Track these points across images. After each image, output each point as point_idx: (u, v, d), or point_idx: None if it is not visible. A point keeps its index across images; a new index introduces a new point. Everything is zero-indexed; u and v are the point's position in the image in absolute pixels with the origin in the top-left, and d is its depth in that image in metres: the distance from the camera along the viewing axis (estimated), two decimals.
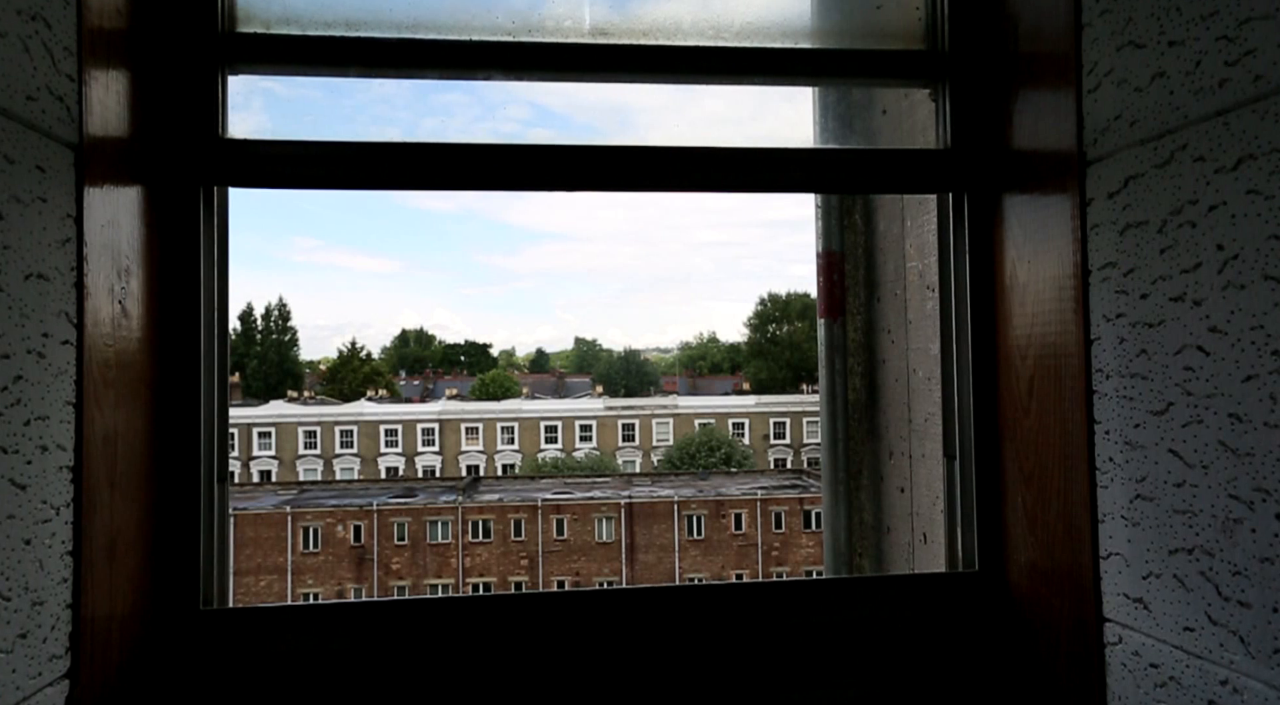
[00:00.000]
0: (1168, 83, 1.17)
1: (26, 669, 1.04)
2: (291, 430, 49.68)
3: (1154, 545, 1.21)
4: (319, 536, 36.97)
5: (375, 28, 1.54)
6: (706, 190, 1.64)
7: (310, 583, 36.91)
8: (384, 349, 75.76)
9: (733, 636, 1.56)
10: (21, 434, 1.02)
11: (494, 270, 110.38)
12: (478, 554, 37.99)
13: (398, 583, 37.31)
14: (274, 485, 43.73)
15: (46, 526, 1.07)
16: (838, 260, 2.29)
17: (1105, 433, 1.30)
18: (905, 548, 2.17)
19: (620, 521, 38.51)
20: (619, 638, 1.53)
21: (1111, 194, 1.28)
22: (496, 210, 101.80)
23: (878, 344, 2.28)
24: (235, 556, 35.84)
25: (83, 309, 1.15)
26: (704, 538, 38.56)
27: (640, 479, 44.82)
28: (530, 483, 43.74)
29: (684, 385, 60.84)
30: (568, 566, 38.27)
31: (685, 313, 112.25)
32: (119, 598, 1.25)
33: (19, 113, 1.02)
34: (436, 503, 38.50)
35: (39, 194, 1.06)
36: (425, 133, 62.68)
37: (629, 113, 69.41)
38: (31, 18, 1.06)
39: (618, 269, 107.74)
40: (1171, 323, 1.16)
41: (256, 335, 62.40)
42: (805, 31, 1.65)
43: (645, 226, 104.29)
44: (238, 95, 1.51)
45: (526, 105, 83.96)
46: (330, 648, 1.48)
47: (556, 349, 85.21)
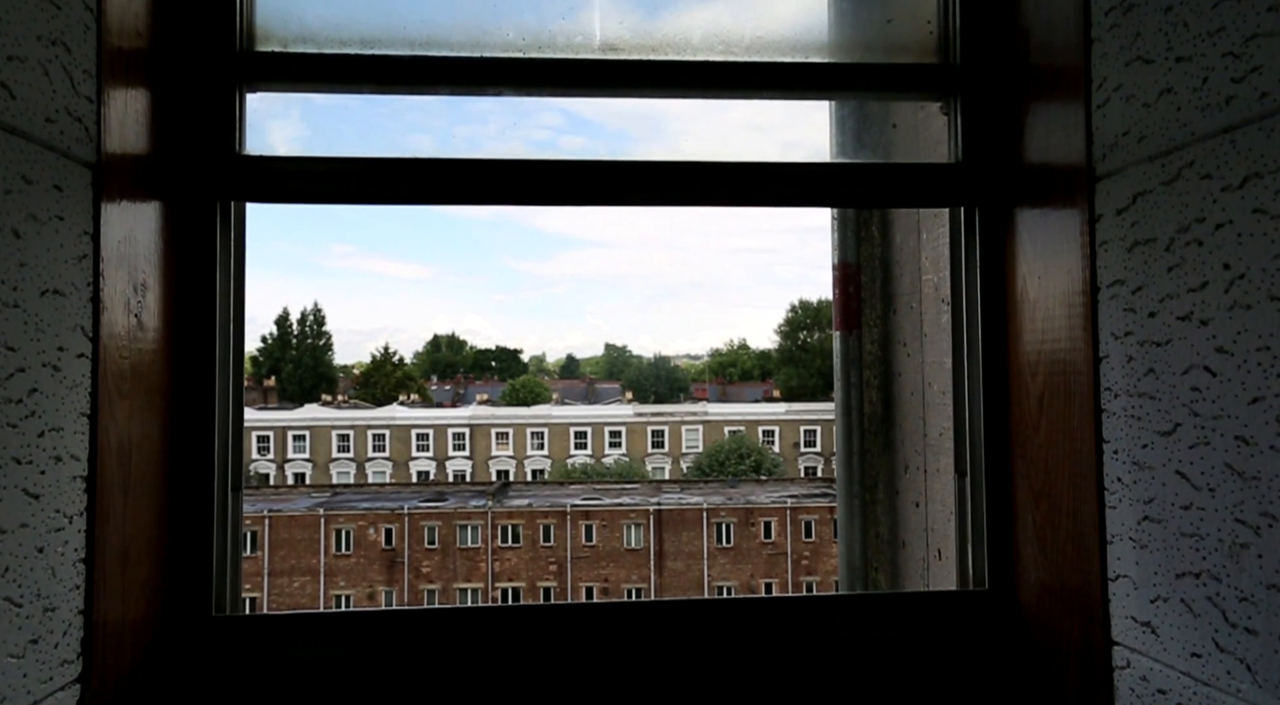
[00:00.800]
0: (1175, 99, 1.15)
1: (38, 673, 1.07)
2: (325, 433, 50.35)
3: (1162, 568, 1.18)
4: (351, 539, 37.41)
5: (389, 45, 1.57)
6: (719, 205, 1.64)
7: (342, 584, 37.36)
8: (416, 354, 76.55)
9: (737, 653, 1.55)
10: (36, 445, 1.06)
11: (526, 276, 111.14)
12: (507, 559, 38.18)
13: (428, 586, 37.64)
14: (308, 488, 44.34)
15: (59, 535, 1.11)
16: (854, 272, 2.28)
17: (1114, 452, 1.28)
18: (920, 563, 2.15)
19: (649, 528, 38.49)
20: (617, 653, 1.53)
21: (1120, 210, 1.26)
22: (529, 217, 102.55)
23: (894, 357, 2.26)
24: (270, 557, 36.41)
25: (98, 323, 1.19)
26: (733, 546, 38.40)
27: (669, 486, 44.78)
28: (559, 488, 43.88)
29: (714, 392, 60.69)
30: (596, 572, 38.32)
31: (716, 319, 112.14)
32: (131, 604, 1.29)
33: (37, 134, 1.06)
34: (466, 507, 38.79)
35: (56, 212, 1.10)
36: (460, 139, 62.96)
37: (661, 120, 69.53)
38: (52, 42, 1.10)
39: (649, 275, 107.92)
40: (1179, 342, 1.15)
41: (292, 340, 63.40)
42: (816, 46, 1.65)
43: (676, 232, 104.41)
44: (278, 104, 1.55)
45: (559, 112, 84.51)
46: (340, 656, 1.50)
47: (587, 355, 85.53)
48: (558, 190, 1.55)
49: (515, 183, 1.54)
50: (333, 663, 1.49)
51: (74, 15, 1.14)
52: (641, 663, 1.53)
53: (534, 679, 1.52)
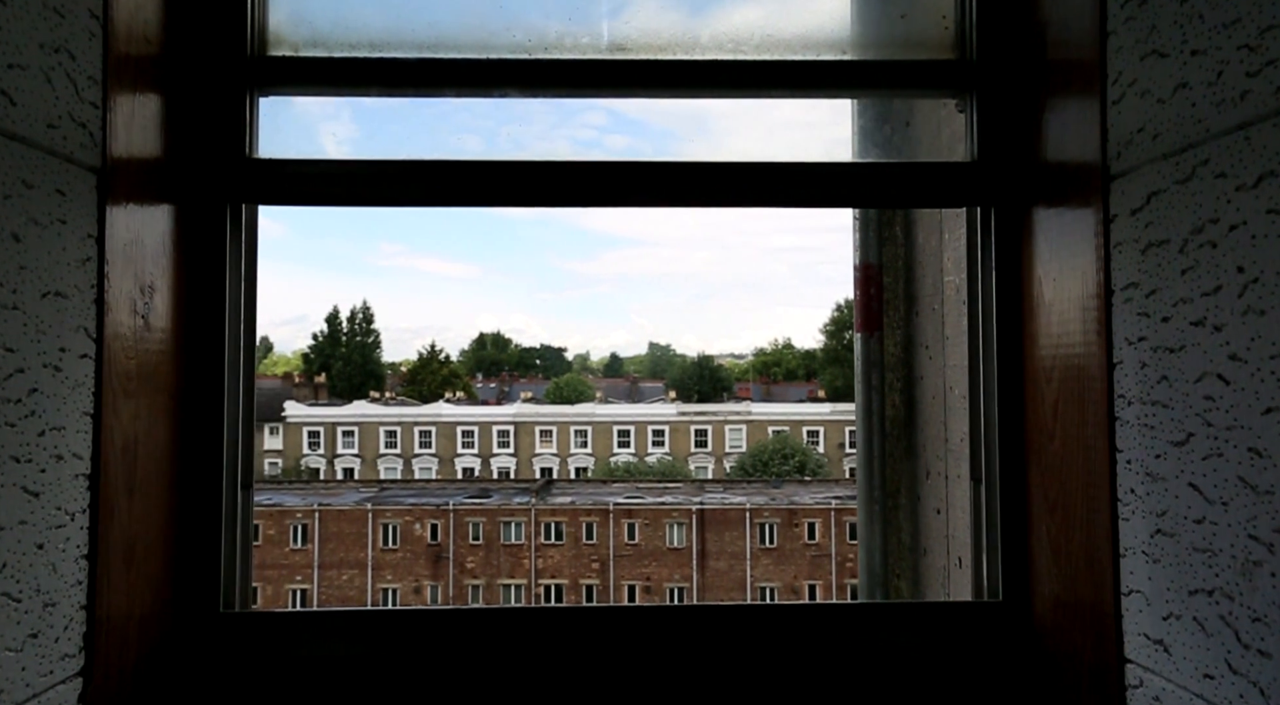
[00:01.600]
0: (1190, 94, 1.10)
1: (38, 667, 1.09)
2: (373, 430, 51.24)
3: (1174, 584, 1.13)
4: (398, 534, 38.01)
5: (398, 48, 1.58)
6: (726, 206, 1.62)
7: (389, 578, 37.99)
8: (462, 352, 77.48)
9: (744, 660, 1.53)
10: (35, 444, 1.08)
11: (570, 275, 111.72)
12: (550, 556, 38.44)
13: (472, 582, 38.07)
14: (356, 483, 45.17)
15: (60, 532, 1.13)
16: (875, 273, 2.23)
17: (1127, 462, 1.23)
18: (941, 571, 2.10)
19: (691, 527, 38.40)
20: (622, 656, 1.52)
21: (1134, 210, 1.21)
22: (574, 216, 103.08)
23: (916, 360, 2.21)
24: (319, 550, 37.16)
25: (103, 324, 1.21)
26: (776, 546, 38.13)
27: (712, 485, 44.64)
28: (602, 486, 44.03)
29: (758, 391, 60.31)
30: (639, 571, 38.37)
31: (760, 318, 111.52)
32: (137, 600, 1.31)
33: (38, 140, 1.08)
34: (510, 504, 39.14)
35: (58, 216, 1.12)
36: (505, 139, 63.38)
37: (706, 118, 69.36)
38: (55, 50, 1.12)
39: (693, 274, 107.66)
40: (1192, 348, 1.09)
41: (342, 337, 64.64)
42: (828, 43, 1.62)
43: (721, 231, 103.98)
44: (329, 106, 1.58)
45: (604, 111, 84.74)
46: (348, 655, 1.51)
47: (630, 354, 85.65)
48: (546, 192, 1.55)
49: (519, 184, 1.54)
50: (340, 661, 1.51)
51: (79, 23, 1.17)
52: (645, 667, 1.52)
53: (540, 681, 1.51)
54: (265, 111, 1.60)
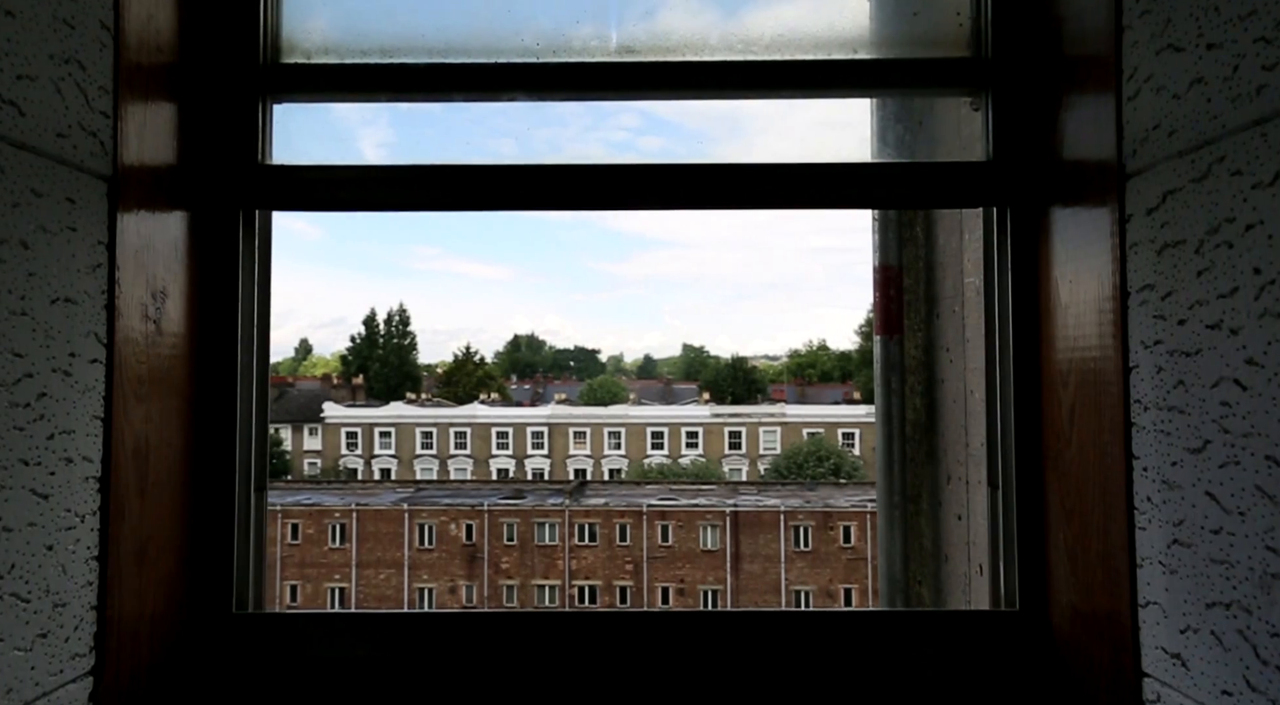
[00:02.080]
0: (1206, 89, 1.06)
1: (47, 666, 1.11)
2: (410, 431, 51.85)
3: (1191, 596, 1.10)
4: (434, 534, 38.37)
5: (408, 54, 1.59)
6: (736, 208, 1.60)
7: (425, 578, 38.39)
8: (497, 354, 78.08)
9: (757, 667, 1.51)
10: (45, 447, 1.10)
11: (604, 277, 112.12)
12: (583, 557, 38.53)
13: (507, 582, 38.31)
14: (393, 483, 45.70)
15: (70, 533, 1.15)
16: (895, 275, 2.19)
17: (1143, 470, 1.19)
18: (963, 578, 2.06)
19: (725, 530, 38.25)
20: (631, 661, 1.51)
21: (1150, 210, 1.17)
22: (608, 218, 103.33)
23: (936, 363, 2.17)
24: (357, 550, 37.64)
25: (113, 329, 1.23)
26: (811, 549, 37.82)
27: (746, 488, 44.42)
28: (636, 488, 44.04)
29: (792, 393, 59.91)
30: (672, 573, 38.31)
31: (795, 320, 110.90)
32: (149, 600, 1.33)
33: (47, 149, 1.11)
34: (545, 505, 39.32)
35: (68, 223, 1.15)
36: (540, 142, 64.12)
37: (740, 118, 69.08)
38: (65, 61, 1.14)
39: (727, 275, 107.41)
40: (1208, 352, 1.06)
41: (379, 339, 65.49)
42: (839, 42, 1.60)
43: (755, 233, 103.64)
44: (368, 112, 1.60)
45: (637, 114, 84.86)
46: (360, 657, 1.52)
47: (664, 355, 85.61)
48: (563, 195, 1.54)
49: (523, 188, 1.54)
50: (353, 663, 1.52)
51: (89, 34, 1.19)
52: (652, 672, 1.50)
53: (548, 684, 1.51)
54: (303, 116, 1.62)
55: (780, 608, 3.35)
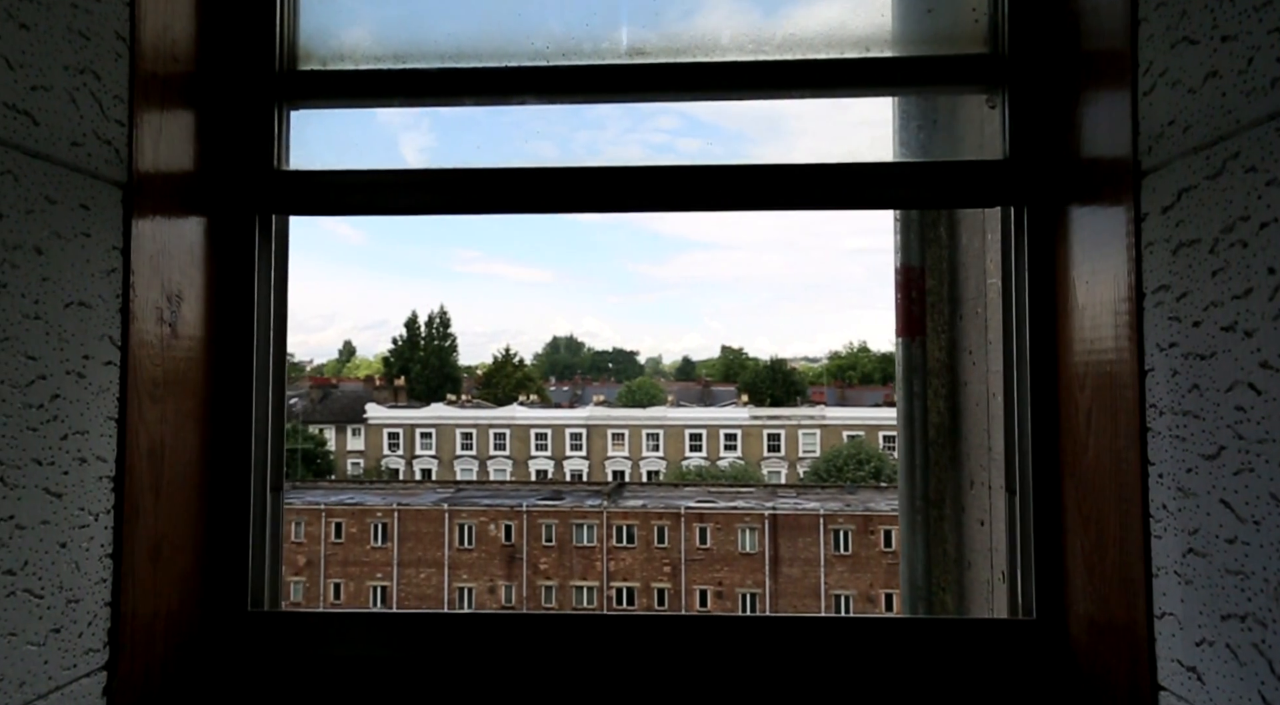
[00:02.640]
0: (1220, 83, 1.03)
1: (61, 660, 1.14)
2: (450, 432, 52.42)
3: (1206, 608, 1.06)
4: (473, 534, 38.71)
5: (420, 59, 1.61)
6: (757, 209, 1.59)
7: (465, 578, 38.76)
8: (536, 355, 78.62)
9: (770, 674, 1.50)
10: (58, 447, 1.13)
11: (642, 279, 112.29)
12: (621, 559, 38.57)
13: (545, 583, 38.52)
14: (433, 483, 46.22)
15: (84, 531, 1.18)
16: (916, 276, 2.16)
17: (1159, 476, 1.16)
18: (985, 585, 2.01)
19: (764, 533, 38.00)
20: (643, 665, 1.50)
21: (1165, 208, 1.14)
22: (646, 220, 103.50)
23: (960, 365, 2.13)
24: (399, 549, 38.14)
25: (128, 332, 1.26)
26: (851, 553, 37.41)
27: (785, 490, 44.11)
28: (674, 490, 43.97)
29: (832, 396, 59.33)
30: (710, 576, 38.17)
31: (835, 321, 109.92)
32: (164, 598, 1.36)
33: (62, 157, 1.14)
34: (583, 507, 39.44)
35: (82, 229, 1.18)
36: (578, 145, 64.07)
37: (779, 119, 68.61)
38: (80, 71, 1.17)
39: (766, 277, 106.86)
40: (1223, 355, 1.02)
41: (420, 341, 66.34)
42: (851, 41, 1.57)
43: (794, 234, 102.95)
44: (409, 117, 1.62)
45: (676, 115, 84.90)
46: (375, 656, 1.54)
47: (703, 357, 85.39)
48: (564, 197, 1.54)
49: (524, 190, 1.54)
50: (367, 662, 1.53)
51: (104, 45, 1.22)
52: (657, 676, 1.50)
53: (561, 687, 1.51)
54: (341, 122, 1.65)
55: (796, 613, 3.30)
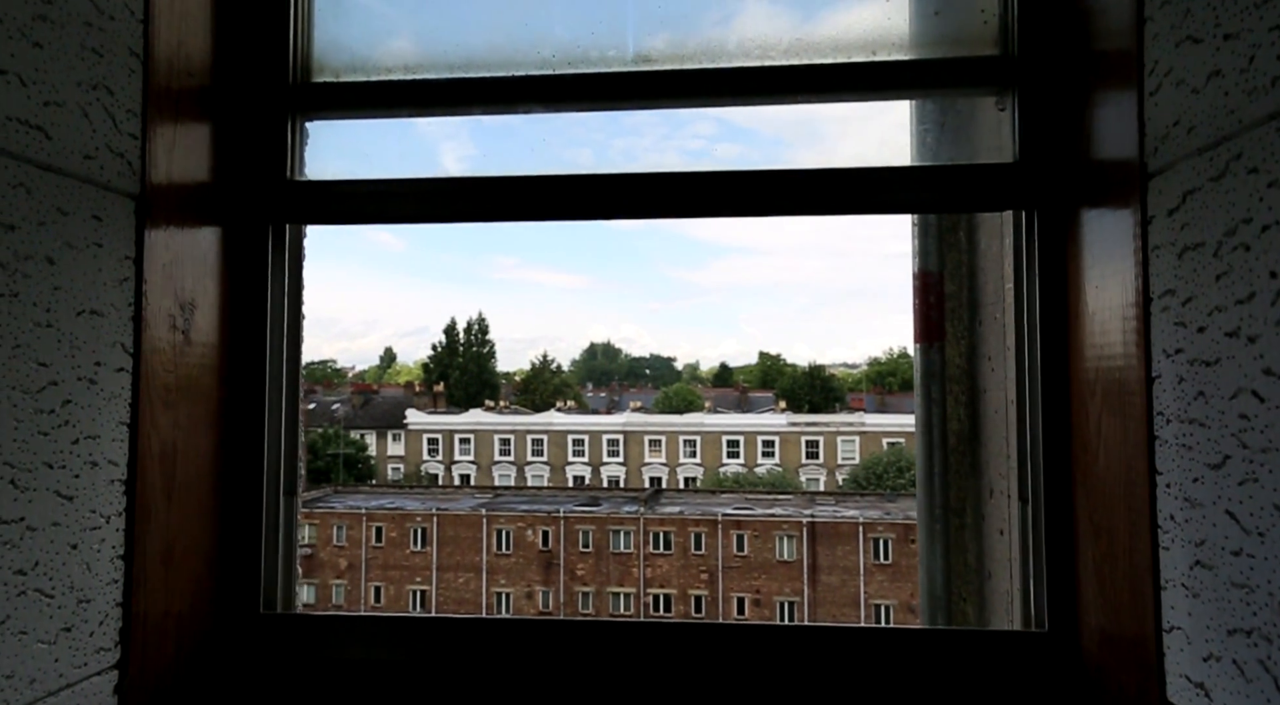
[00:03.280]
0: (1223, 83, 1.00)
1: (71, 659, 1.18)
2: (488, 438, 52.85)
3: (1213, 622, 1.03)
4: (511, 539, 38.93)
5: (430, 69, 1.63)
6: (760, 215, 1.58)
7: (503, 583, 38.99)
8: (573, 362, 78.92)
9: (774, 682, 1.49)
10: (69, 451, 1.17)
11: (680, 284, 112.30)
12: (658, 565, 38.50)
13: (582, 588, 38.60)
14: (471, 489, 46.62)
15: (95, 533, 1.22)
16: (934, 281, 2.13)
17: (1166, 486, 1.13)
18: (1005, 596, 1.97)
19: (802, 540, 37.67)
20: (653, 669, 1.50)
21: (1170, 211, 1.11)
22: (683, 225, 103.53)
23: (979, 371, 2.09)
24: (438, 553, 38.49)
25: (140, 339, 1.30)
26: (891, 563, 36.91)
27: (824, 498, 43.69)
28: (711, 497, 43.81)
29: (872, 402, 58.64)
30: (748, 583, 37.93)
31: (875, 327, 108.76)
32: (176, 599, 1.39)
33: (74, 170, 1.17)
34: (620, 513, 39.47)
35: (94, 240, 1.21)
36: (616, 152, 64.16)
37: (816, 123, 68.12)
38: (93, 87, 1.21)
39: (804, 282, 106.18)
40: (1227, 362, 0.99)
41: (459, 348, 67.03)
42: (858, 45, 1.56)
43: (834, 239, 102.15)
44: (449, 126, 1.66)
45: (713, 121, 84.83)
46: (385, 660, 1.56)
47: (740, 363, 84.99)
48: (560, 204, 1.55)
49: (533, 197, 1.56)
50: (379, 665, 1.55)
51: (118, 61, 1.26)
52: (665, 680, 1.49)
53: (572, 693, 1.51)
54: (380, 131, 1.69)
55: (809, 624, 3.24)
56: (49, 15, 1.14)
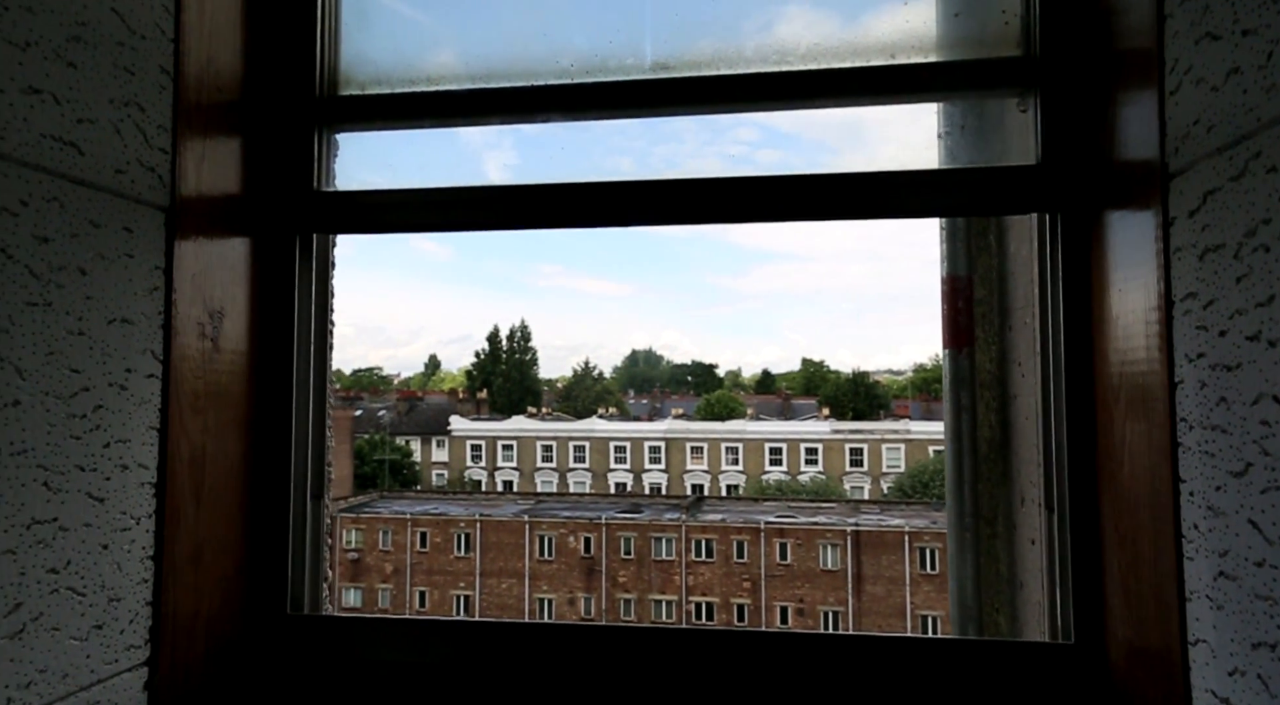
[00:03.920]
0: (1241, 80, 0.98)
1: (103, 655, 1.22)
2: (531, 444, 53.19)
3: (1237, 635, 1.00)
4: (553, 546, 39.09)
5: (452, 81, 1.66)
6: (783, 219, 1.58)
7: (545, 589, 39.16)
8: (615, 368, 79.11)
9: (800, 692, 1.47)
10: (100, 454, 1.21)
11: (722, 291, 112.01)
12: (700, 573, 38.33)
13: (624, 596, 38.59)
14: (514, 495, 46.94)
15: (125, 534, 1.26)
16: (963, 286, 2.09)
17: (1190, 494, 1.10)
18: (1037, 607, 1.92)
19: (846, 549, 37.20)
20: (672, 674, 1.50)
21: (1191, 212, 1.08)
22: (725, 231, 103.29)
23: (1010, 377, 2.06)
24: (481, 559, 38.82)
25: (169, 347, 1.34)
26: (938, 573, 36.23)
27: (868, 506, 43.10)
28: (753, 504, 43.52)
29: (917, 409, 57.74)
30: (791, 592, 37.56)
31: (919, 333, 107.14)
32: (204, 599, 1.43)
33: (106, 184, 1.22)
34: (661, 520, 39.40)
35: (125, 251, 1.26)
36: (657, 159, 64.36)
37: (861, 127, 67.39)
38: (124, 104, 1.26)
39: (848, 288, 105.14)
40: (1248, 366, 0.96)
41: (502, 355, 67.66)
42: (877, 48, 1.55)
43: (877, 244, 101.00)
44: (492, 135, 1.70)
45: (755, 127, 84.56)
46: (411, 662, 1.58)
47: (783, 370, 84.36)
48: (560, 213, 1.56)
49: (556, 206, 1.57)
50: (405, 667, 1.57)
51: (149, 79, 1.31)
52: (682, 687, 1.49)
53: (596, 696, 1.52)
54: (427, 142, 1.74)
55: (831, 632, 3.15)
56: (83, 36, 1.19)
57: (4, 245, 1.06)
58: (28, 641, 1.10)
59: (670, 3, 1.65)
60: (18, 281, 1.09)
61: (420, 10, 1.74)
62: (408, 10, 1.73)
